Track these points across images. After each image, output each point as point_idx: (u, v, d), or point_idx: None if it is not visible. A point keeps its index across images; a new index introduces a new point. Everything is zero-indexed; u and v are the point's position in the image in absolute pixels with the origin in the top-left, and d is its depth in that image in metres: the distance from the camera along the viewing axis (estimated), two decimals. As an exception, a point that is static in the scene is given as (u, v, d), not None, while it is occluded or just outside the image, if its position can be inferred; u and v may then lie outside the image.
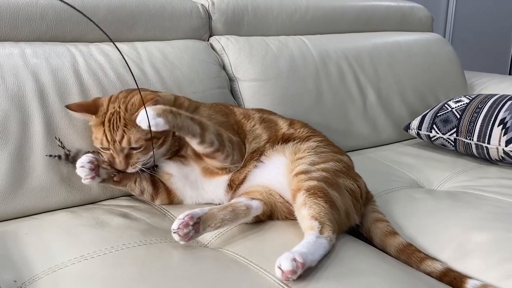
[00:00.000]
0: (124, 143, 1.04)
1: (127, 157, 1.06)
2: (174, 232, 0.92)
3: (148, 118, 0.95)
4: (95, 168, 1.07)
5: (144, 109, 0.96)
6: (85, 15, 0.88)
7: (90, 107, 1.09)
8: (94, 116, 1.08)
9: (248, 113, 1.24)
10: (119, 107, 1.06)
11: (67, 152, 1.13)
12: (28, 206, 1.12)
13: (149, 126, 0.96)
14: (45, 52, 1.22)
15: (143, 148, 1.06)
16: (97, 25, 0.85)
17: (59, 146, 1.13)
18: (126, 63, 1.12)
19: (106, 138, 1.05)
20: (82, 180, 1.07)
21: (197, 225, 0.94)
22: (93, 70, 1.25)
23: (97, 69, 1.26)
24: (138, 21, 1.43)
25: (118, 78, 1.27)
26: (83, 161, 1.06)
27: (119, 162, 1.06)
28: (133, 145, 1.05)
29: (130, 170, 1.08)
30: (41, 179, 1.13)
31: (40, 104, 1.15)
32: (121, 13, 1.40)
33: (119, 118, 1.04)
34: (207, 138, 1.03)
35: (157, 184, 1.16)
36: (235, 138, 1.12)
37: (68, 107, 1.10)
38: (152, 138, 1.05)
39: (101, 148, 1.08)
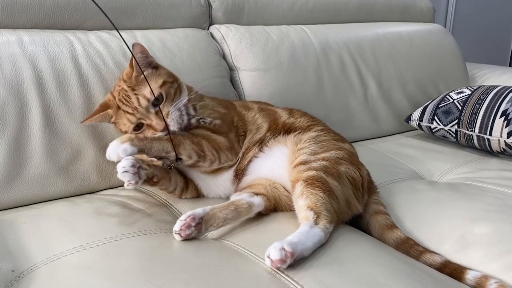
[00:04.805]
0: (143, 102, 1.03)
1: (158, 114, 1.03)
2: (176, 233, 0.92)
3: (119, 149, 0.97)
4: (137, 171, 1.01)
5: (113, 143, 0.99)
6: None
7: (103, 108, 1.08)
8: (109, 110, 1.06)
9: (247, 104, 1.25)
10: (119, 86, 1.07)
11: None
12: (26, 196, 1.11)
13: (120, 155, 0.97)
14: (43, 39, 1.21)
15: (165, 97, 1.04)
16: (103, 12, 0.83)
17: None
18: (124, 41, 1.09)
19: (129, 112, 1.03)
20: (125, 186, 1.00)
21: (199, 225, 0.94)
22: (92, 58, 1.24)
23: (95, 57, 1.24)
24: (137, 10, 1.42)
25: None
26: (125, 165, 0.98)
27: (156, 123, 1.03)
28: (150, 97, 1.03)
29: (172, 125, 1.03)
30: (39, 168, 1.12)
31: (38, 92, 1.14)
32: (120, 1, 1.38)
33: (125, 90, 1.04)
34: (183, 153, 1.03)
35: (187, 179, 1.15)
36: (223, 138, 1.10)
37: (84, 122, 1.08)
38: (164, 82, 1.06)
39: (135, 128, 1.05)
